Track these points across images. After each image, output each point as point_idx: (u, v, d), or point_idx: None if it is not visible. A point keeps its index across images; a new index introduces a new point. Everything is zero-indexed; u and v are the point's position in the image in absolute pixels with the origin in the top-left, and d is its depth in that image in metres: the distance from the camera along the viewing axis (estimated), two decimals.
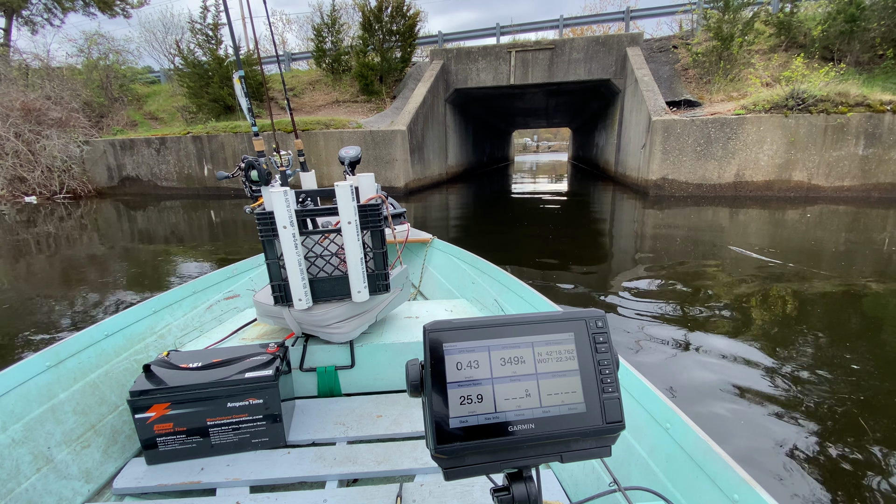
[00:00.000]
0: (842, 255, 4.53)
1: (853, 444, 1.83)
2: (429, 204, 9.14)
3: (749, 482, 0.83)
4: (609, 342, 0.56)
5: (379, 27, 12.66)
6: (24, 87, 11.59)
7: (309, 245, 1.61)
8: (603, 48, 11.12)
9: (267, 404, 1.39)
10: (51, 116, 10.95)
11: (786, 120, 7.71)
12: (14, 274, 4.78)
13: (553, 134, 60.82)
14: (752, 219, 6.44)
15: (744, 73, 9.74)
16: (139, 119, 14.17)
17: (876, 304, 3.34)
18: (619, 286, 3.76)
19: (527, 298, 1.91)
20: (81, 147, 11.31)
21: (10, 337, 3.10)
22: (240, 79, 1.64)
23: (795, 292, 3.55)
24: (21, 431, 1.24)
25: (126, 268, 4.88)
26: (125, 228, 7.37)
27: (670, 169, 8.50)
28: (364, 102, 13.01)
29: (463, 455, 0.51)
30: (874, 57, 9.45)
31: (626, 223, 6.62)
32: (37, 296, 3.93)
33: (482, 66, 11.97)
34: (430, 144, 11.87)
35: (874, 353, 2.57)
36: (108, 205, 10.29)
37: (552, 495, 1.22)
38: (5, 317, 3.48)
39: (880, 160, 7.59)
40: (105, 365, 1.56)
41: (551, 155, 45.28)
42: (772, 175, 8.05)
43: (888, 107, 7.38)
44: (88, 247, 6.02)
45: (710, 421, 2.00)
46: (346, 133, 10.01)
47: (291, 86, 14.10)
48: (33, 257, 5.49)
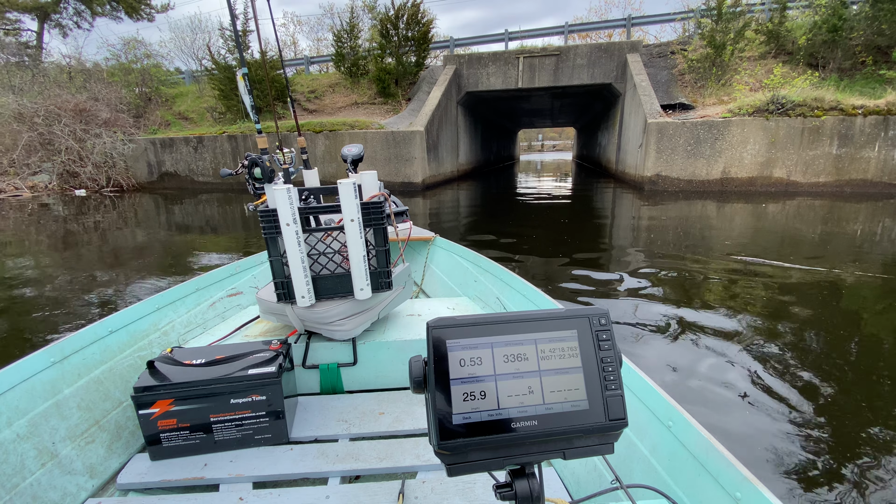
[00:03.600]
0: (818, 243, 5.00)
1: (853, 442, 1.84)
2: (443, 199, 10.04)
3: (751, 480, 0.83)
4: (612, 340, 0.56)
5: (395, 33, 13.58)
6: (74, 90, 12.64)
7: (312, 242, 1.62)
8: (605, 54, 11.97)
9: (270, 401, 1.41)
10: (100, 117, 12.00)
11: (767, 122, 8.57)
12: (71, 256, 5.69)
13: (558, 133, 61.45)
14: (737, 211, 7.24)
15: (734, 79, 10.58)
16: (171, 119, 15.18)
17: (857, 288, 3.61)
18: (616, 269, 4.28)
19: (529, 296, 1.92)
20: (127, 145, 12.36)
21: (66, 312, 3.55)
22: (243, 76, 1.66)
23: (774, 277, 3.91)
24: (26, 427, 1.24)
25: (165, 253, 5.50)
26: (163, 220, 8.16)
27: (663, 166, 9.37)
28: (381, 104, 13.92)
29: (466, 451, 0.51)
30: (856, 64, 10.25)
31: (625, 217, 7.51)
32: (87, 276, 4.51)
33: (492, 71, 12.86)
34: (444, 143, 12.78)
35: (871, 343, 2.67)
36: (149, 198, 11.29)
37: (554, 493, 1.22)
38: (62, 292, 4.00)
39: (852, 158, 8.44)
40: (109, 361, 1.58)
41: (556, 154, 45.57)
42: (755, 172, 8.92)
43: (859, 111, 8.22)
44: (134, 234, 6.78)
45: (698, 399, 2.12)
46: (370, 133, 10.94)
47: (313, 88, 15.05)
48: (89, 242, 6.40)
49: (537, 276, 4.14)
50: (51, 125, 11.57)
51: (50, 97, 12.12)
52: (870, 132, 8.26)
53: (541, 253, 4.97)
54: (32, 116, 11.62)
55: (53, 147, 11.79)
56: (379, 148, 10.97)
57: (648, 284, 3.81)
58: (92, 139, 11.82)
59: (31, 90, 12.97)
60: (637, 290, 3.69)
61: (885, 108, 8.15)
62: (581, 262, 4.50)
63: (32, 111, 11.64)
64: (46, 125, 11.53)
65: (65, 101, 11.90)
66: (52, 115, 11.59)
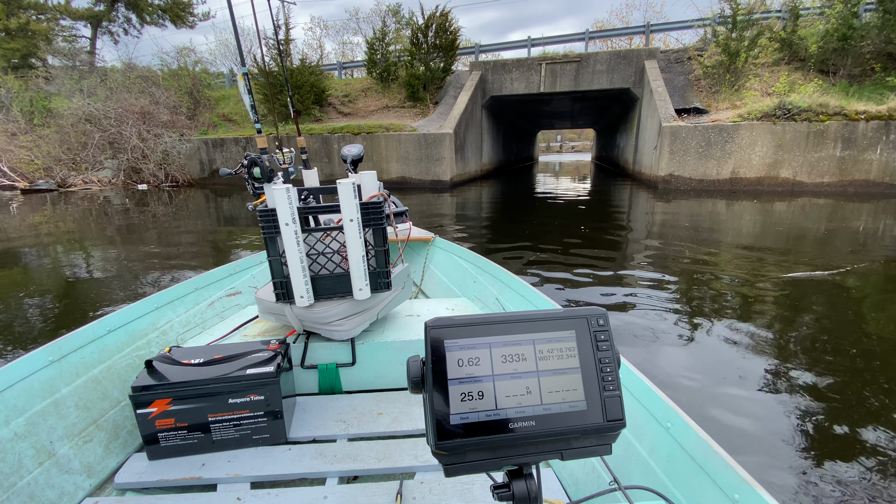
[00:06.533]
0: (822, 239, 5.27)
1: (855, 440, 1.84)
2: (468, 196, 10.91)
3: (750, 482, 0.83)
4: (610, 340, 0.56)
5: (425, 41, 14.53)
6: (136, 94, 14.00)
7: (311, 242, 1.61)
8: (623, 61, 12.67)
9: (268, 401, 1.41)
10: (161, 119, 13.31)
11: (774, 127, 9.21)
12: (138, 239, 6.75)
13: (577, 134, 61.56)
14: (745, 209, 7.81)
15: (746, 85, 11.20)
16: (216, 120, 16.44)
17: (860, 282, 3.73)
18: (628, 264, 4.61)
19: (528, 297, 1.93)
20: (184, 144, 13.64)
21: (127, 289, 4.14)
22: (243, 76, 1.65)
23: (780, 270, 4.06)
24: (23, 426, 1.24)
25: (213, 240, 6.26)
26: (212, 212, 9.20)
27: (676, 167, 10.08)
28: (410, 108, 14.88)
29: (463, 452, 0.51)
30: (865, 71, 10.74)
31: (640, 213, 8.27)
32: (152, 257, 5.32)
33: (515, 76, 13.69)
34: (469, 145, 13.68)
35: (876, 339, 2.69)
36: (201, 192, 12.47)
37: (552, 494, 1.22)
38: (140, 269, 4.85)
39: (855, 160, 9.03)
40: (107, 360, 1.57)
41: (575, 155, 45.61)
42: (762, 172, 9.57)
43: (862, 116, 8.81)
44: (191, 224, 7.69)
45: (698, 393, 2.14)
46: (404, 135, 11.91)
47: (346, 92, 16.12)
48: (154, 228, 7.50)
49: (554, 263, 4.62)
50: (120, 126, 12.93)
51: (118, 101, 13.50)
52: (872, 136, 8.84)
53: (558, 243, 5.48)
54: (102, 118, 12.99)
55: (119, 146, 13.14)
56: (412, 149, 11.92)
57: (656, 272, 4.09)
58: (153, 139, 13.13)
59: (97, 94, 14.38)
60: (645, 279, 3.89)
61: (886, 114, 8.71)
62: (596, 250, 5.22)
63: (103, 114, 13.02)
64: (117, 126, 12.89)
65: (131, 105, 13.26)
66: (122, 117, 12.95)
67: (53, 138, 14.07)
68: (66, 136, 13.81)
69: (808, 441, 1.86)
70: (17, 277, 4.57)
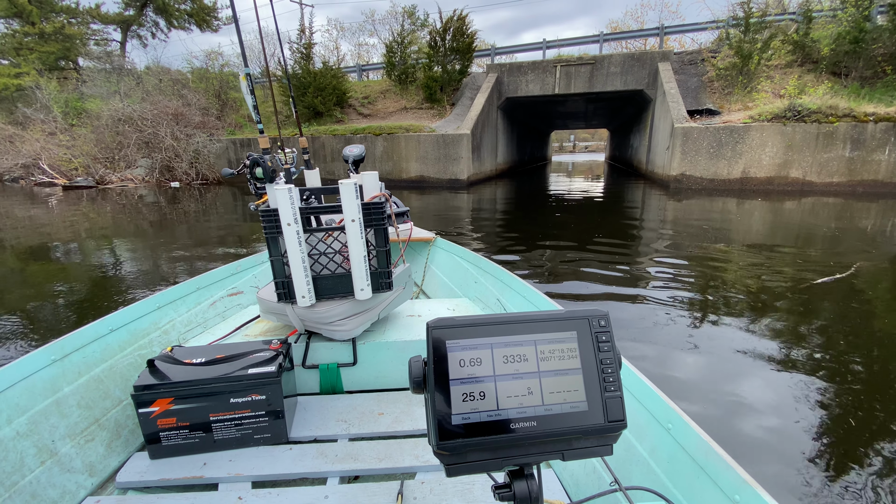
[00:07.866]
0: (832, 238, 5.38)
1: (855, 439, 1.84)
2: (483, 194, 11.35)
3: (750, 483, 0.83)
4: (612, 341, 0.56)
5: (442, 45, 15.00)
6: (171, 96, 14.77)
7: (313, 242, 1.62)
8: (637, 63, 12.97)
9: (269, 400, 1.41)
10: (193, 120, 14.03)
11: (784, 128, 9.49)
12: (173, 233, 7.34)
13: (591, 134, 61.50)
14: (755, 208, 8.09)
15: (758, 87, 11.45)
16: (241, 121, 17.12)
17: (870, 280, 3.76)
18: (642, 258, 4.85)
19: (529, 298, 1.94)
20: (214, 144, 14.36)
21: (156, 279, 4.49)
22: (245, 76, 1.65)
23: (790, 268, 4.12)
24: (26, 424, 1.25)
25: (240, 233, 7.13)
26: (239, 208, 9.88)
27: (688, 166, 10.40)
28: (428, 109, 15.34)
29: (465, 452, 0.51)
30: (877, 73, 10.92)
31: (653, 211, 8.64)
32: (181, 247, 5.97)
33: (531, 78, 14.07)
34: (485, 145, 14.11)
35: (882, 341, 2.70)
36: (229, 190, 13.11)
37: (553, 494, 1.23)
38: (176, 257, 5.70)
39: (864, 161, 9.27)
40: (109, 360, 1.58)
41: (588, 155, 45.59)
42: (772, 172, 9.85)
43: (871, 118, 9.04)
44: (220, 218, 8.53)
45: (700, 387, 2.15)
46: (423, 136, 12.40)
47: (366, 94, 16.66)
48: (187, 221, 8.08)
49: (568, 259, 4.83)
50: (156, 127, 13.68)
51: (154, 103, 14.26)
52: (881, 137, 9.07)
53: (572, 239, 5.75)
54: (139, 119, 13.75)
55: (154, 145, 13.88)
56: (430, 148, 12.40)
57: (667, 269, 4.20)
58: (185, 139, 13.85)
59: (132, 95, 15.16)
60: (656, 275, 3.99)
61: (895, 116, 8.94)
62: (609, 247, 5.59)
63: (140, 115, 13.78)
64: (153, 127, 13.64)
65: (166, 107, 14.01)
66: (157, 118, 13.71)
67: (90, 137, 14.88)
68: (101, 135, 14.61)
69: (813, 443, 1.86)
70: (52, 269, 4.94)
